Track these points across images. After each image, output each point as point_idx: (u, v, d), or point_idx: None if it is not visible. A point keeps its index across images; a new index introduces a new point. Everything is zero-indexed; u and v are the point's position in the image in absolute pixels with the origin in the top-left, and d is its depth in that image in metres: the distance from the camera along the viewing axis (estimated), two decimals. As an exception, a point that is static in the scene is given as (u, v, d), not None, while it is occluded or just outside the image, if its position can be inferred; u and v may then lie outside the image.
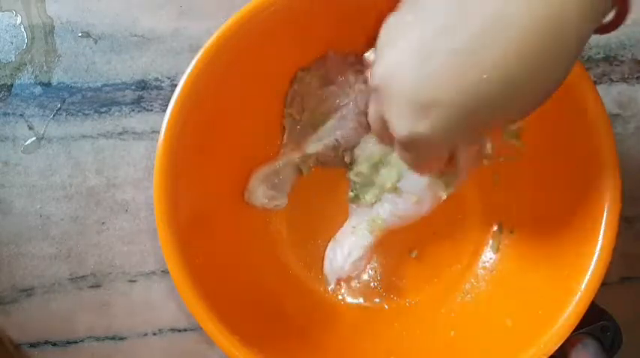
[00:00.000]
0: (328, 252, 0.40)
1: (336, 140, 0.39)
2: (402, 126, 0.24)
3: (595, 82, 0.35)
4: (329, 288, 0.40)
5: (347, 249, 0.39)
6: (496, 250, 0.40)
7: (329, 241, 0.41)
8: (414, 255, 0.41)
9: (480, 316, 0.38)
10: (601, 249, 0.32)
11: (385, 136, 0.27)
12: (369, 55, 0.30)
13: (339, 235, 0.40)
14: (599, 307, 0.38)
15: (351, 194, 0.40)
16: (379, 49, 0.25)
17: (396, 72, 0.23)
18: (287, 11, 0.34)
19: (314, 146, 0.39)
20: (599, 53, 0.42)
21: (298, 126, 0.40)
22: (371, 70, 0.26)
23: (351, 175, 0.40)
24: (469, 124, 0.23)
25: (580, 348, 0.36)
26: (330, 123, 0.39)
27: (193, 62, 0.33)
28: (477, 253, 0.41)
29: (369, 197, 0.39)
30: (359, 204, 0.40)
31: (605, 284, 0.41)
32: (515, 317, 0.36)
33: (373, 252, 0.40)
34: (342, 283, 0.40)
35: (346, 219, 0.41)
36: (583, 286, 0.32)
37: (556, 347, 0.32)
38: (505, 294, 0.38)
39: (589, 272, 0.32)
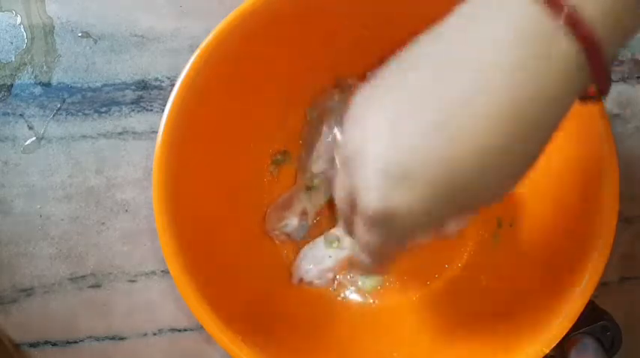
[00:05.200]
0: (304, 250, 0.40)
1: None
2: (374, 199, 0.22)
3: (595, 82, 0.35)
4: (293, 282, 0.39)
5: (320, 255, 0.39)
6: (496, 245, 0.40)
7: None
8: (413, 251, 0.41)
9: (481, 311, 0.38)
10: (600, 241, 0.32)
11: (351, 219, 0.25)
12: (337, 134, 0.29)
13: (320, 239, 0.40)
14: (599, 307, 0.38)
15: None
16: (348, 123, 0.24)
17: (370, 144, 0.22)
18: (285, 10, 0.34)
19: (317, 164, 0.39)
20: (599, 53, 0.42)
21: (302, 154, 0.40)
22: (337, 149, 0.25)
23: None
24: (443, 200, 0.22)
25: (580, 348, 0.36)
26: (330, 136, 0.39)
27: (190, 61, 0.33)
28: (476, 248, 0.41)
29: None
30: None
31: (605, 285, 0.42)
32: (516, 311, 0.36)
33: (346, 265, 0.39)
34: (304, 282, 0.40)
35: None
36: (584, 278, 0.32)
37: (557, 340, 0.32)
38: (506, 288, 0.38)
39: (589, 266, 0.32)
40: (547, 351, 0.32)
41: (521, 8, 0.20)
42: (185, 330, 0.42)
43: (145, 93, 0.42)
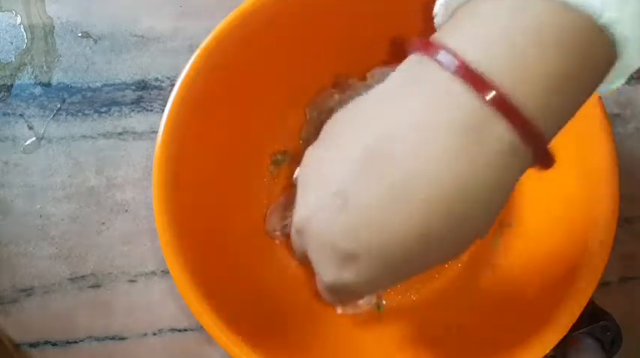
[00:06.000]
0: None
1: None
2: (326, 274, 0.23)
3: (595, 82, 0.35)
4: (339, 313, 0.39)
5: None
6: (496, 245, 0.40)
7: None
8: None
9: (481, 311, 0.38)
10: (600, 241, 0.32)
11: (308, 267, 0.26)
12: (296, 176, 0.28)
13: None
14: (599, 307, 0.38)
15: None
16: (301, 183, 0.25)
17: (315, 219, 0.23)
18: (285, 10, 0.34)
19: None
20: (599, 53, 0.42)
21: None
22: (294, 203, 0.25)
23: None
24: (393, 274, 0.22)
25: (580, 348, 0.36)
26: None
27: (190, 61, 0.33)
28: (476, 248, 0.41)
29: None
30: None
31: (605, 284, 0.42)
32: (516, 312, 0.36)
33: None
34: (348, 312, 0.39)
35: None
36: (585, 279, 0.32)
37: (557, 341, 0.32)
38: (506, 289, 0.38)
39: (589, 266, 0.32)
40: (547, 351, 0.32)
41: (446, 87, 0.20)
42: (185, 330, 0.42)
43: (145, 93, 0.42)
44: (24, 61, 0.42)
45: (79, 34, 0.42)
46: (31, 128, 0.42)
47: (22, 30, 0.42)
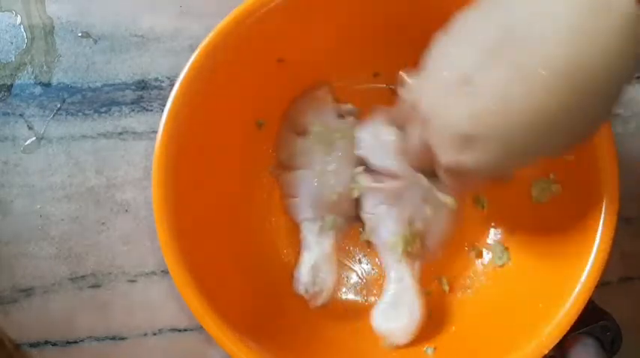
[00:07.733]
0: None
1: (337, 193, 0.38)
2: (446, 155, 0.26)
3: (595, 82, 0.35)
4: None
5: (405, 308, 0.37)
6: (500, 248, 0.40)
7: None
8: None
9: (481, 311, 0.38)
10: (600, 241, 0.32)
11: (426, 159, 0.29)
12: (406, 76, 0.31)
13: (390, 297, 0.38)
14: (599, 307, 0.38)
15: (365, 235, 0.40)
16: (428, 72, 0.27)
17: (440, 105, 0.25)
18: (285, 10, 0.34)
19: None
20: (599, 53, 0.42)
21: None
22: (408, 91, 0.29)
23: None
24: (508, 155, 0.25)
25: (580, 348, 0.36)
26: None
27: (190, 61, 0.33)
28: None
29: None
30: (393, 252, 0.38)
31: (605, 284, 0.42)
32: (515, 311, 0.36)
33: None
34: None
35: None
36: (583, 278, 0.32)
37: (557, 340, 0.32)
38: (505, 289, 0.38)
39: (589, 264, 0.32)
40: (547, 351, 0.32)
41: None
42: (185, 330, 0.42)
43: (145, 93, 0.42)
44: (24, 60, 0.42)
45: (79, 34, 0.42)
46: (31, 128, 0.42)
47: (22, 30, 0.42)
